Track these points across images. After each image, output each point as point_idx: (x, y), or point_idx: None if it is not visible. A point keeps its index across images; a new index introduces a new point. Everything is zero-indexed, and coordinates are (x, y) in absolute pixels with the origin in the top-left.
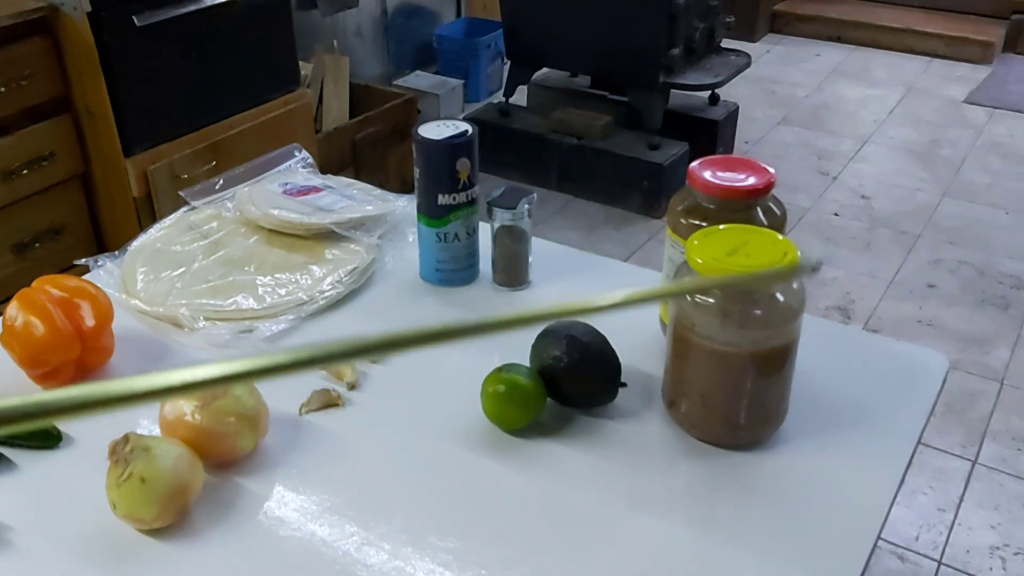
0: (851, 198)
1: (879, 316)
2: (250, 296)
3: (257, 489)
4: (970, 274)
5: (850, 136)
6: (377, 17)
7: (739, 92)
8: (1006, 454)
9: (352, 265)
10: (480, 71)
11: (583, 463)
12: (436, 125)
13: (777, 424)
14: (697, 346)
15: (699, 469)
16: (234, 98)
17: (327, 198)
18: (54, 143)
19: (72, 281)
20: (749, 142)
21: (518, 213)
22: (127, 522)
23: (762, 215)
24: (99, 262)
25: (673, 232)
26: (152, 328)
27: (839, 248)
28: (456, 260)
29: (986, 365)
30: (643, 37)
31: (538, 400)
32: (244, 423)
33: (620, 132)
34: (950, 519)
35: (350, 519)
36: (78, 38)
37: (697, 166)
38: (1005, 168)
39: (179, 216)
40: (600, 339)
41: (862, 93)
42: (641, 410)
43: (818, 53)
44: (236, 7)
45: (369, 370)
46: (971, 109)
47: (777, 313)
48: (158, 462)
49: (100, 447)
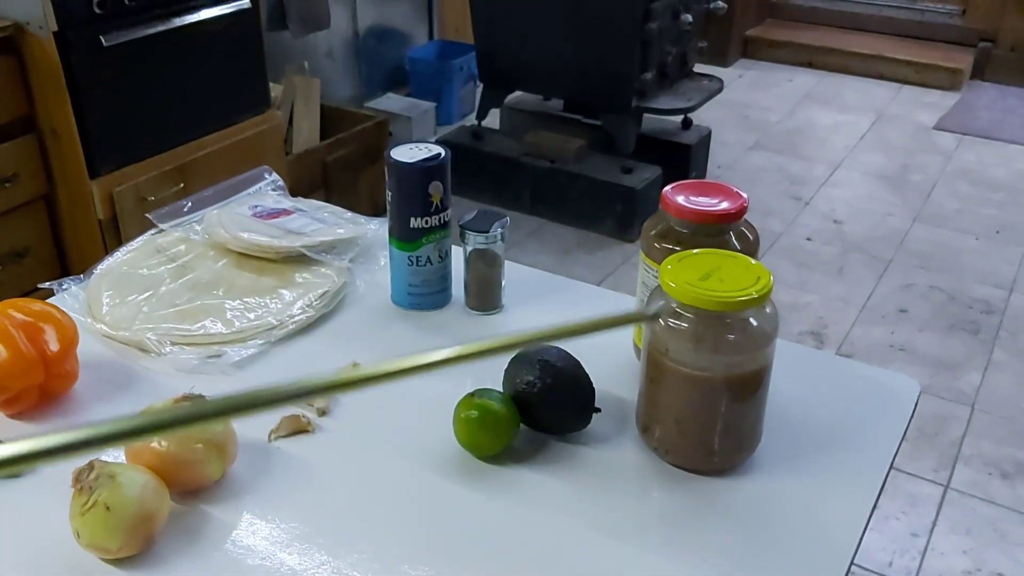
0: (823, 223)
1: (852, 341)
2: (218, 320)
3: (225, 517)
4: (941, 299)
5: (822, 161)
6: (349, 39)
7: (712, 116)
8: (978, 479)
9: (323, 289)
10: (452, 94)
11: (556, 489)
12: (409, 148)
13: (751, 449)
14: (671, 371)
15: (673, 494)
16: (203, 119)
17: (297, 221)
18: (17, 164)
19: (36, 305)
20: (722, 166)
21: (491, 236)
22: (91, 552)
23: (735, 240)
24: (64, 285)
25: (647, 256)
26: (118, 353)
27: (812, 272)
28: (428, 284)
29: (957, 390)
30: (616, 61)
31: (511, 426)
32: (212, 450)
33: (593, 156)
34: (923, 544)
35: (320, 547)
36: (44, 58)
37: (670, 190)
38: (974, 194)
39: (146, 239)
40: (574, 364)
41: (833, 119)
42: (615, 435)
43: (790, 78)
44: (206, 27)
45: (340, 395)
46: (940, 135)
47: (751, 338)
48: (123, 490)
49: (64, 475)
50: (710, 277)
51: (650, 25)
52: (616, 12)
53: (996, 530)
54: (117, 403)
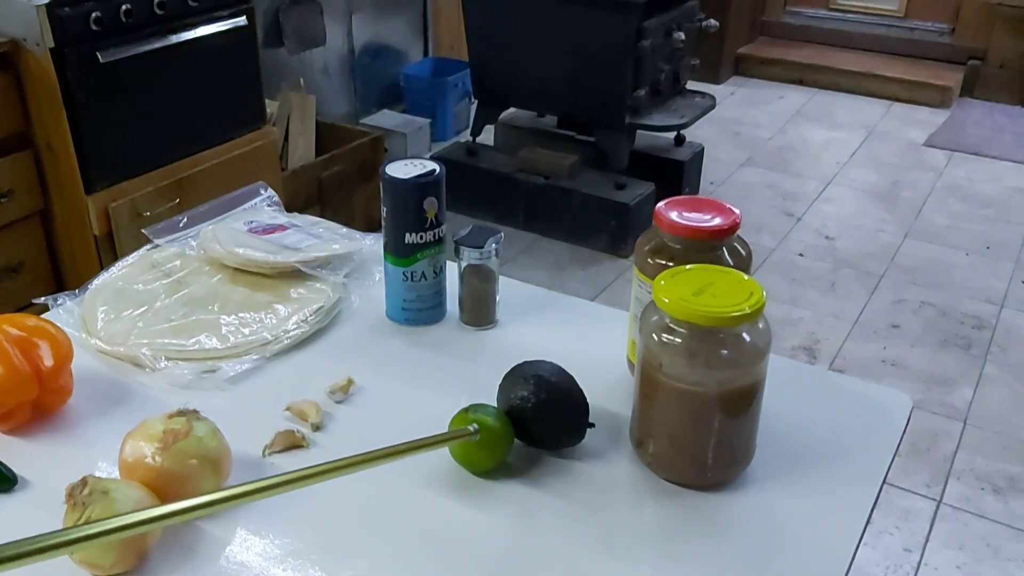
0: (815, 238)
1: (844, 356)
2: (213, 336)
3: (218, 533)
4: (932, 314)
5: (814, 177)
6: (344, 56)
7: (704, 133)
8: (970, 494)
9: (318, 304)
10: (447, 110)
11: (550, 505)
12: (404, 164)
13: (745, 464)
14: (665, 386)
15: (667, 510)
16: (199, 135)
17: (293, 236)
18: (13, 179)
19: (31, 320)
20: (714, 183)
21: (485, 252)
22: (84, 568)
23: (728, 255)
24: (59, 301)
25: (640, 272)
26: (113, 368)
27: (804, 288)
28: (423, 299)
29: (949, 405)
30: (609, 78)
31: (505, 441)
32: (206, 465)
33: (587, 172)
34: (916, 559)
35: (314, 563)
36: (40, 74)
37: (663, 206)
38: (964, 210)
39: (141, 254)
40: (568, 379)
41: (825, 135)
42: (609, 451)
43: (782, 96)
44: (202, 44)
45: (334, 411)
46: (931, 152)
47: (744, 353)
48: (117, 506)
49: (56, 490)
50: (703, 292)
51: (643, 43)
52: (609, 30)
53: (989, 545)
54: (111, 418)
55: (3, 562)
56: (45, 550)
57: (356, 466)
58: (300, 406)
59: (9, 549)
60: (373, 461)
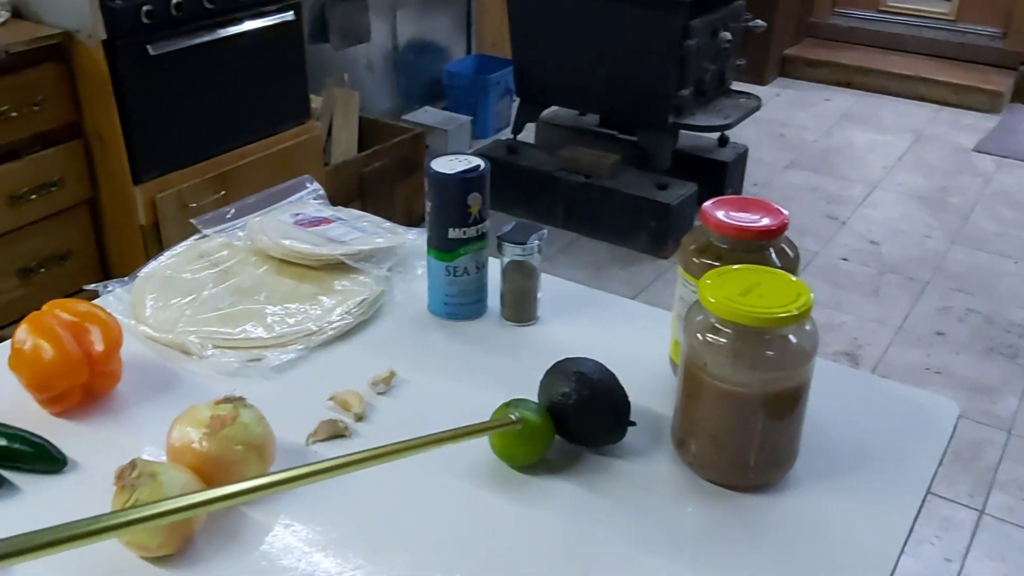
0: (860, 243)
1: (887, 362)
2: (259, 325)
3: (262, 519)
4: (978, 322)
5: (859, 181)
6: (388, 52)
7: (748, 134)
8: (1013, 504)
9: (361, 296)
10: (489, 108)
11: (590, 502)
12: (448, 159)
13: (787, 467)
14: (708, 386)
15: (707, 510)
16: (244, 129)
17: (338, 229)
18: (63, 169)
19: (82, 306)
20: (758, 184)
21: (528, 249)
22: (131, 549)
23: (775, 256)
24: (108, 287)
25: (685, 271)
26: (160, 355)
27: (848, 293)
28: (465, 294)
29: (994, 414)
30: (653, 78)
31: (546, 437)
32: (251, 451)
33: (628, 171)
34: (957, 569)
35: (355, 551)
36: (92, 66)
37: (710, 205)
38: (1014, 217)
39: (189, 244)
40: (610, 377)
41: (871, 139)
42: (650, 449)
43: (828, 98)
44: (250, 39)
45: (376, 402)
46: (980, 158)
47: (789, 355)
48: (164, 489)
49: (105, 472)
50: (750, 293)
51: (689, 42)
52: (654, 29)
53: None
54: (159, 404)
55: (56, 544)
56: (96, 532)
57: (399, 453)
58: (343, 396)
59: (61, 531)
60: (416, 448)
